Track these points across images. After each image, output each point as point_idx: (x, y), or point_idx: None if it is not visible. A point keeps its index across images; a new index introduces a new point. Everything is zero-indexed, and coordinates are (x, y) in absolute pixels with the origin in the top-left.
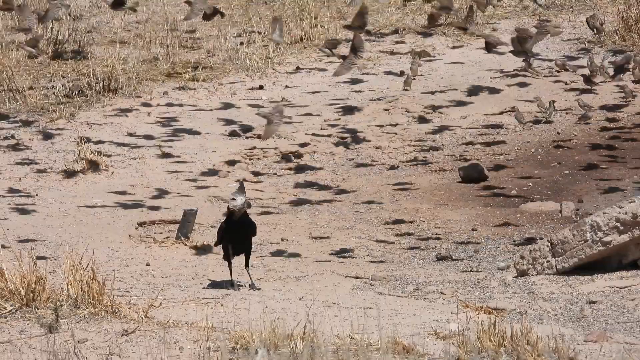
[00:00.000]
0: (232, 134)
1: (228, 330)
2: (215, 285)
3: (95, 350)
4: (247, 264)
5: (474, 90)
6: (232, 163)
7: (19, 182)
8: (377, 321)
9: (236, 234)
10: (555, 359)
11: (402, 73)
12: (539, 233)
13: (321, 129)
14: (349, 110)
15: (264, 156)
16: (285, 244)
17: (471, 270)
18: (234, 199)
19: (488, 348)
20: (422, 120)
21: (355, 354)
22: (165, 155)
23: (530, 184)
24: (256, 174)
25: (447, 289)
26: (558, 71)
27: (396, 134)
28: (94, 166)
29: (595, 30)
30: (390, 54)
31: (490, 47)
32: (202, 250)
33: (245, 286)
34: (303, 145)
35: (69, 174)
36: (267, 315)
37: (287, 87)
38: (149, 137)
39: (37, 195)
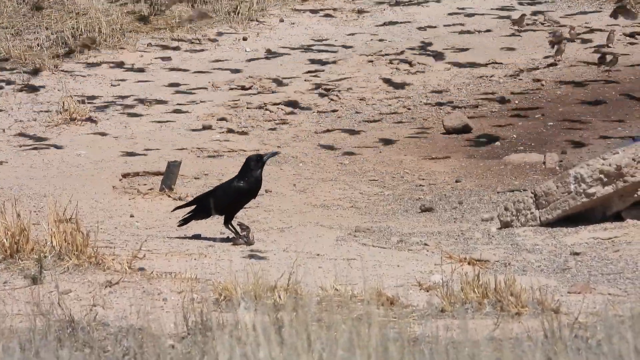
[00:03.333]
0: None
1: (211, 281)
2: (198, 236)
3: (79, 301)
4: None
5: (458, 42)
6: (216, 115)
7: (3, 134)
8: (361, 272)
9: (247, 196)
10: (539, 310)
11: (385, 23)
12: (523, 185)
13: (305, 80)
14: (333, 62)
15: (247, 108)
16: (270, 195)
17: (455, 222)
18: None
19: (472, 299)
20: (406, 71)
21: (339, 305)
22: (149, 106)
23: (514, 135)
24: (240, 125)
25: (431, 240)
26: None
27: (380, 85)
28: (77, 117)
29: None
30: (376, 4)
31: None
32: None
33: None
34: (287, 96)
35: (53, 125)
36: (250, 266)
37: (271, 38)
38: (132, 89)
39: (20, 146)
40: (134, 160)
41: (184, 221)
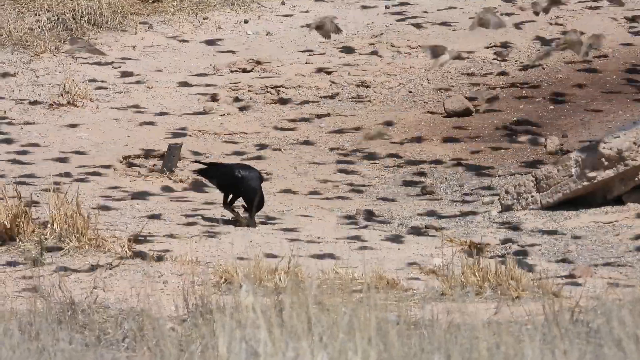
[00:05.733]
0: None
1: (212, 264)
2: (200, 219)
3: (80, 284)
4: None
5: (460, 25)
6: (216, 97)
7: (4, 116)
8: (361, 256)
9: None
10: (539, 294)
11: (387, 7)
12: (524, 168)
13: (306, 63)
14: (334, 44)
15: (248, 90)
16: (270, 178)
17: (456, 205)
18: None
19: (472, 283)
20: (407, 54)
21: (340, 289)
22: (150, 88)
23: (515, 118)
24: (241, 108)
25: (432, 223)
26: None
27: (381, 68)
28: (78, 99)
29: None
30: None
31: None
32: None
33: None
34: (288, 79)
35: (54, 107)
36: (251, 249)
37: (272, 21)
38: (133, 71)
39: (22, 129)
40: (134, 142)
41: (197, 172)
